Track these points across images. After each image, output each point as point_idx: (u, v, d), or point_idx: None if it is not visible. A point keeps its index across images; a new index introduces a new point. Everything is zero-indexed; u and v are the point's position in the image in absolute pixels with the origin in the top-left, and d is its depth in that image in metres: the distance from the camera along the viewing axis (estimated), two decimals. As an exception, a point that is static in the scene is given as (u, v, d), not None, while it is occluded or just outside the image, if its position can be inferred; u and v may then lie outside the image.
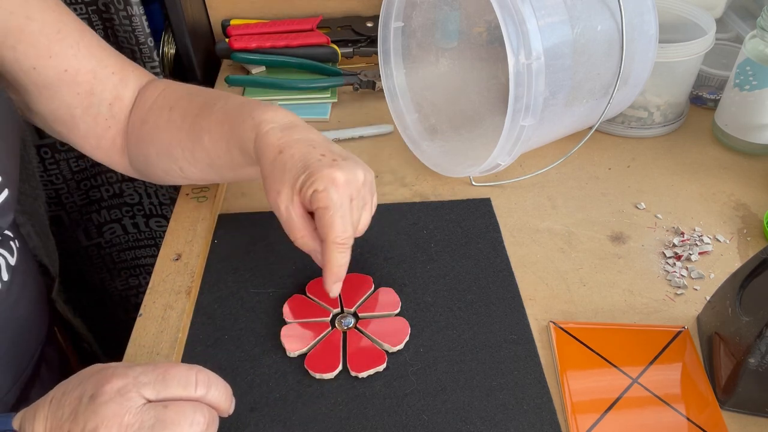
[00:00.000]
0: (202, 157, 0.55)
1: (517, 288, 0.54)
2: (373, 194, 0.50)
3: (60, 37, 0.53)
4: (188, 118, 0.55)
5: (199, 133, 0.54)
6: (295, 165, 0.46)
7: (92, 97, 0.56)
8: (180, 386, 0.37)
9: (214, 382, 0.39)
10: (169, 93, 0.58)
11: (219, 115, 0.54)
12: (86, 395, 0.36)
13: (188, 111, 0.56)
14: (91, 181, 0.89)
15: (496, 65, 0.74)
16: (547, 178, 0.67)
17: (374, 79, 0.78)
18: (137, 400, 0.36)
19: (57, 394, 0.38)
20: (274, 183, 0.47)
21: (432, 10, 0.69)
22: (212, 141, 0.54)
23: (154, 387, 0.37)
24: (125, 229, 0.95)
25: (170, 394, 0.37)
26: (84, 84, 0.55)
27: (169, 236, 0.60)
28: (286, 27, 0.84)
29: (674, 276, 0.56)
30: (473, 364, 0.48)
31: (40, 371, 0.61)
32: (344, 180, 0.45)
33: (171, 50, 0.83)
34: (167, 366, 0.38)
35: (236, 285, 0.55)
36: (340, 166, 0.46)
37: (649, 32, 0.64)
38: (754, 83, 0.65)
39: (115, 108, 0.58)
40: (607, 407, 0.45)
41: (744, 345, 0.43)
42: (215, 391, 0.39)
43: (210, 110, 0.54)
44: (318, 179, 0.45)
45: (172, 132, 0.56)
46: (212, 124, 0.54)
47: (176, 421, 0.36)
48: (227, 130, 0.52)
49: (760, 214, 0.62)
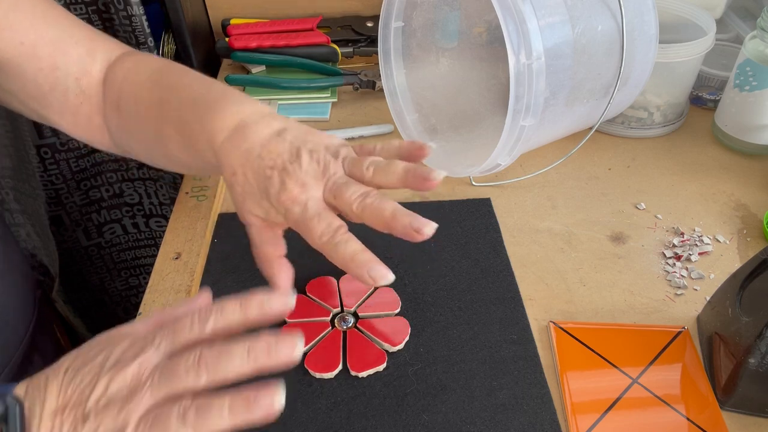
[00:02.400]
0: (178, 163, 0.53)
1: (517, 288, 0.54)
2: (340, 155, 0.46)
3: (13, 7, 0.50)
4: (150, 119, 0.52)
5: (165, 141, 0.51)
6: (251, 190, 0.45)
7: (57, 72, 0.53)
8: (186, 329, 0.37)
9: (214, 309, 0.38)
10: (134, 75, 0.54)
11: (175, 121, 0.50)
12: (110, 361, 0.36)
13: (150, 109, 0.52)
14: (91, 181, 0.89)
15: (496, 65, 0.74)
16: (547, 178, 0.67)
17: (374, 79, 0.78)
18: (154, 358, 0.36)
19: (75, 363, 0.36)
20: (240, 204, 0.46)
21: (432, 10, 0.69)
22: (179, 150, 0.51)
23: (167, 339, 0.37)
24: (125, 229, 0.95)
25: (182, 339, 0.37)
26: (45, 58, 0.52)
27: (168, 235, 0.60)
28: (286, 26, 0.84)
29: (674, 276, 0.56)
30: (473, 364, 0.48)
31: (33, 359, 0.60)
32: (298, 189, 0.43)
33: (171, 50, 0.83)
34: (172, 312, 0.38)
35: (236, 285, 0.55)
36: (289, 176, 0.43)
37: (649, 32, 0.64)
38: (754, 84, 0.65)
39: (83, 83, 0.54)
40: (607, 407, 0.45)
41: (744, 345, 0.43)
42: (218, 317, 0.38)
43: (167, 111, 0.51)
44: (277, 209, 0.44)
45: (143, 130, 0.53)
46: (171, 132, 0.51)
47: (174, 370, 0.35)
48: (186, 142, 0.50)
49: (760, 214, 0.62)
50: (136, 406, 0.34)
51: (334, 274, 0.55)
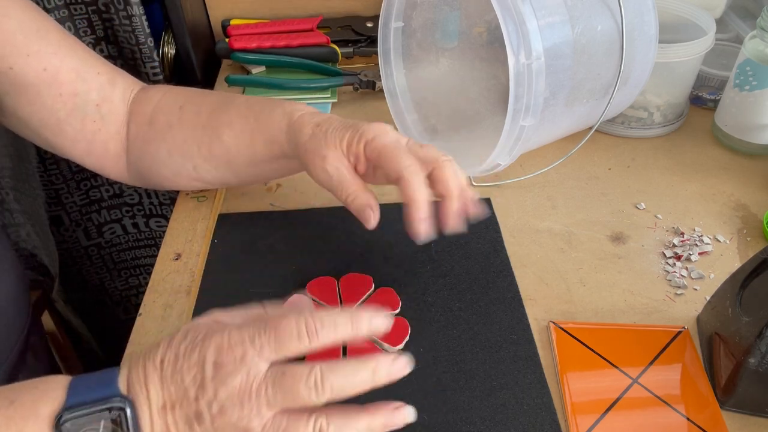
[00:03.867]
0: (220, 153, 0.55)
1: (517, 288, 0.54)
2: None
3: (39, 35, 0.51)
4: (203, 114, 0.55)
5: (219, 128, 0.54)
6: (336, 130, 0.48)
7: (76, 98, 0.54)
8: (294, 340, 0.36)
9: (325, 324, 0.37)
10: (175, 93, 0.57)
11: (242, 109, 0.53)
12: (209, 363, 0.35)
13: (202, 107, 0.55)
14: (91, 181, 0.89)
15: (496, 65, 0.74)
16: (547, 178, 0.67)
17: (374, 79, 0.78)
18: (261, 365, 0.35)
19: (168, 356, 0.36)
20: (318, 149, 0.48)
21: (432, 10, 0.69)
22: (233, 135, 0.53)
23: (270, 347, 0.36)
24: (125, 229, 0.95)
25: (287, 351, 0.36)
26: (66, 84, 0.53)
27: (169, 236, 0.60)
28: (286, 27, 0.84)
29: (674, 276, 0.56)
30: (473, 364, 0.48)
31: (26, 358, 0.60)
32: (391, 128, 0.48)
33: (171, 50, 0.83)
34: (276, 321, 0.36)
35: (236, 285, 0.55)
36: (381, 125, 0.48)
37: (649, 32, 0.64)
38: (754, 83, 0.65)
39: (103, 109, 0.55)
40: (607, 407, 0.45)
41: (744, 345, 0.43)
42: (330, 333, 0.37)
43: (230, 105, 0.54)
44: (365, 131, 0.47)
45: (186, 129, 0.55)
46: (233, 117, 0.53)
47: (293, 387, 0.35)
48: (252, 122, 0.52)
49: (760, 214, 0.62)
50: (258, 415, 0.35)
51: (334, 274, 0.55)
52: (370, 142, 0.46)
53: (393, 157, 0.45)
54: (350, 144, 0.47)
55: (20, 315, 0.60)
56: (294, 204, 0.64)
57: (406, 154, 0.45)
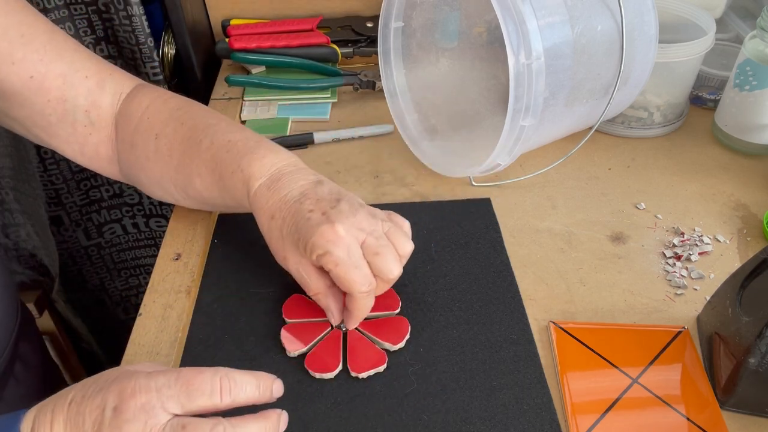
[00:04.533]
0: (195, 196, 0.55)
1: (517, 288, 0.54)
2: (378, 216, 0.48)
3: (24, 41, 0.50)
4: (175, 153, 0.53)
5: (190, 175, 0.53)
6: (289, 231, 0.47)
7: (65, 104, 0.53)
8: (204, 396, 0.36)
9: (239, 385, 0.38)
10: (154, 113, 0.54)
11: (206, 159, 0.52)
12: (109, 407, 0.35)
13: (174, 144, 0.53)
14: (91, 181, 0.89)
15: (496, 65, 0.74)
16: (547, 178, 0.67)
17: (374, 79, 0.79)
18: (162, 416, 0.35)
19: (76, 397, 0.36)
20: (278, 249, 0.48)
21: (432, 10, 0.69)
22: (204, 185, 0.53)
23: (178, 400, 0.36)
24: (125, 229, 0.96)
25: (195, 406, 0.36)
26: (53, 90, 0.52)
27: (169, 236, 0.60)
28: (286, 27, 0.84)
29: (674, 276, 0.56)
30: (473, 364, 0.48)
31: (14, 369, 0.60)
32: (341, 231, 0.45)
33: (171, 50, 0.83)
34: (190, 375, 0.37)
35: (236, 285, 0.55)
36: (330, 219, 0.45)
37: (649, 32, 0.64)
38: (754, 83, 0.65)
39: (92, 115, 0.55)
40: (607, 407, 0.45)
41: (744, 345, 0.43)
42: (242, 394, 0.38)
43: (197, 149, 0.52)
44: (315, 244, 0.45)
45: (161, 165, 0.54)
46: (201, 168, 0.52)
47: None
48: (218, 179, 0.51)
49: (760, 214, 0.62)
50: None
51: (334, 274, 0.55)
52: (321, 257, 0.45)
53: (345, 281, 0.45)
54: (304, 252, 0.46)
55: (8, 318, 0.58)
56: (294, 204, 0.64)
57: (358, 274, 0.45)
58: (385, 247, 0.46)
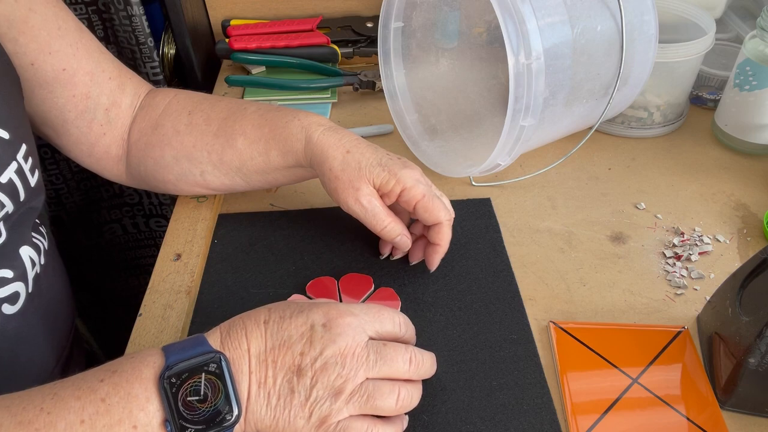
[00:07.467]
0: (231, 160, 0.55)
1: (517, 288, 0.54)
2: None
3: (60, 33, 0.51)
4: (214, 121, 0.56)
5: (232, 135, 0.55)
6: (369, 163, 0.51)
7: (88, 101, 0.55)
8: (390, 324, 0.43)
9: (411, 327, 0.45)
10: (183, 98, 0.58)
11: (255, 118, 0.55)
12: (318, 323, 0.39)
13: (212, 114, 0.56)
14: (91, 181, 0.89)
15: (496, 65, 0.74)
16: (547, 178, 0.67)
17: (374, 79, 0.79)
18: (363, 336, 0.40)
19: (272, 316, 0.40)
20: (351, 181, 0.51)
21: (432, 10, 0.69)
22: (247, 143, 0.54)
23: (373, 325, 0.41)
24: (125, 229, 0.96)
25: (385, 330, 0.42)
26: (81, 86, 0.54)
27: (169, 236, 0.60)
28: (286, 27, 0.84)
29: (674, 276, 0.56)
30: (473, 364, 0.48)
31: (73, 353, 0.61)
32: (421, 176, 0.52)
33: (171, 50, 0.83)
34: (378, 308, 0.43)
35: (236, 285, 0.55)
36: (410, 167, 0.52)
37: (649, 32, 0.64)
38: (754, 83, 0.65)
39: (111, 114, 0.57)
40: (607, 407, 0.45)
41: (744, 345, 0.43)
42: (411, 331, 0.45)
43: (242, 113, 0.55)
44: (402, 178, 0.50)
45: (195, 135, 0.56)
46: (247, 126, 0.54)
47: (394, 357, 0.41)
48: (267, 132, 0.54)
49: (760, 214, 0.62)
50: (354, 377, 0.39)
51: (334, 274, 0.55)
52: (408, 190, 0.50)
53: (432, 210, 0.51)
54: (385, 184, 0.51)
55: (71, 305, 0.60)
56: (294, 204, 0.64)
57: (445, 203, 0.53)
58: (441, 195, 0.54)
